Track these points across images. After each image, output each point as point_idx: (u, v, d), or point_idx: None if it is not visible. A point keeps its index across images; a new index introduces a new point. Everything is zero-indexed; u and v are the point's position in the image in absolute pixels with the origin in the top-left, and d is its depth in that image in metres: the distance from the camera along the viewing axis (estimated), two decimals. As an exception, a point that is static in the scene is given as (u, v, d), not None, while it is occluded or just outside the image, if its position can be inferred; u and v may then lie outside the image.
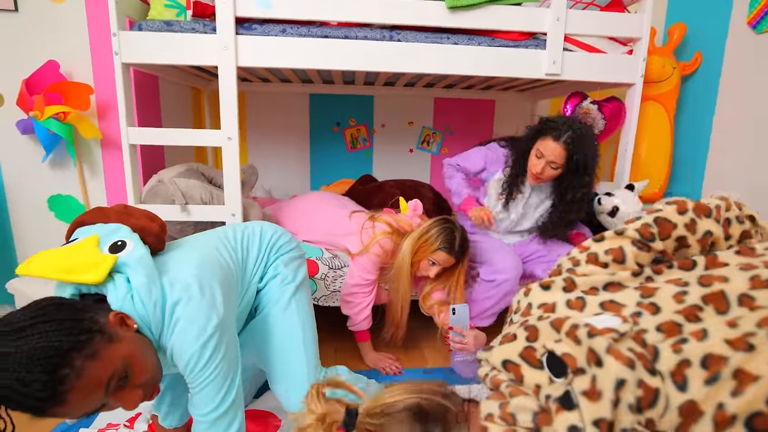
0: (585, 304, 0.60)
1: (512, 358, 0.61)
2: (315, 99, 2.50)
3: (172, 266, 0.86)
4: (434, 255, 1.44)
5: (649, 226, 0.64)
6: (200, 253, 0.93)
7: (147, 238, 0.87)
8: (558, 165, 1.42)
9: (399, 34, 1.54)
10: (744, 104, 1.85)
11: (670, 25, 2.06)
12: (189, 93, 2.28)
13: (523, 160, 1.52)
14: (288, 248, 1.14)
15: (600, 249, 0.65)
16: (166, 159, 1.96)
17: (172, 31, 1.44)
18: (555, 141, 1.39)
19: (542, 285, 0.67)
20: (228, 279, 0.95)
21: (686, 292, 0.53)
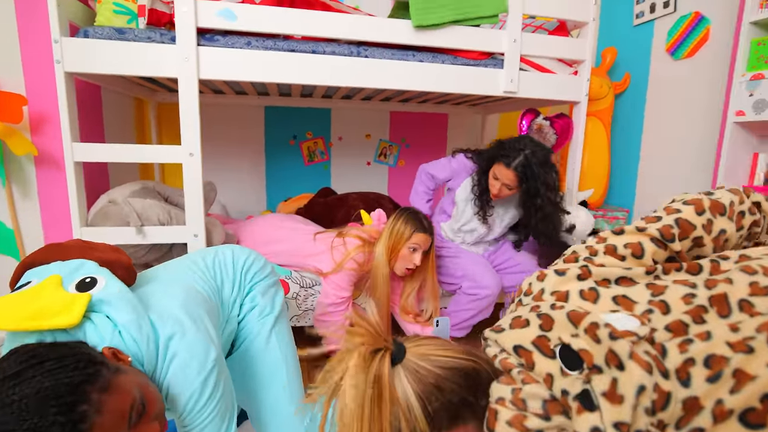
0: (598, 296, 0.62)
1: (524, 344, 0.61)
2: (271, 112, 2.43)
3: (155, 300, 0.79)
4: (412, 240, 1.45)
5: (671, 227, 0.66)
6: (180, 284, 0.86)
7: (117, 271, 0.78)
8: (512, 186, 1.52)
9: (366, 50, 1.55)
10: (666, 120, 2.09)
11: (603, 49, 2.28)
12: (131, 104, 2.11)
13: (485, 179, 1.62)
14: (263, 274, 1.07)
15: (619, 242, 0.67)
16: (110, 177, 1.79)
17: (125, 40, 1.33)
18: (506, 168, 1.49)
19: (557, 271, 0.67)
20: (211, 311, 0.89)
21: (694, 294, 0.57)
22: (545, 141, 1.89)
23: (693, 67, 1.95)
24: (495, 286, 1.56)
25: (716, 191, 0.71)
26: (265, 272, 1.09)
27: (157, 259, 1.62)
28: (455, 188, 1.74)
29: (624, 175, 2.34)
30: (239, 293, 1.01)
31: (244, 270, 1.04)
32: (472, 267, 1.61)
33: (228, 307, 0.98)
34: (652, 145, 2.17)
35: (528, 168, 1.47)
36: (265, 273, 1.09)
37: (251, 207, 2.47)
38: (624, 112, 2.33)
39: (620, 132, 2.35)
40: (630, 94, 2.29)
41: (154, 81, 1.88)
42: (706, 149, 1.90)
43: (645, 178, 2.22)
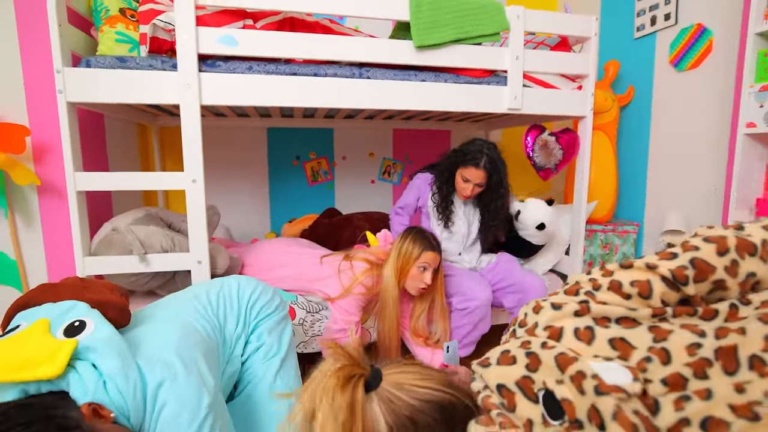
0: (593, 337, 0.57)
1: (508, 383, 0.59)
2: (273, 133, 2.43)
3: (147, 343, 0.75)
4: (421, 259, 1.42)
5: (685, 269, 0.59)
6: (176, 323, 0.82)
7: (109, 312, 0.75)
8: (482, 185, 1.64)
9: (368, 71, 1.54)
10: (674, 132, 2.06)
11: (605, 62, 2.28)
12: (135, 130, 2.11)
13: (449, 184, 1.71)
14: (270, 309, 1.02)
15: (626, 278, 0.61)
16: (114, 204, 1.78)
17: (127, 68, 1.33)
18: (476, 168, 1.60)
19: (554, 304, 0.64)
20: (210, 351, 0.84)
21: (700, 344, 0.51)
22: (551, 156, 1.87)
23: (698, 78, 1.93)
24: (483, 296, 1.54)
25: (748, 226, 0.62)
26: (273, 306, 1.04)
27: (161, 287, 1.60)
28: (425, 204, 1.80)
29: (633, 188, 2.31)
30: (244, 329, 0.97)
31: (250, 304, 1.00)
32: (460, 282, 1.59)
33: (230, 346, 0.94)
34: (660, 156, 2.14)
35: (493, 163, 1.60)
36: (273, 307, 1.04)
37: (255, 229, 2.45)
38: (629, 124, 2.31)
39: (626, 145, 2.33)
40: (635, 107, 2.27)
41: (157, 106, 1.88)
42: (716, 159, 1.87)
43: (654, 191, 2.19)
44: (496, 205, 1.70)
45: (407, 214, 1.84)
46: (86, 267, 1.38)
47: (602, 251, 2.18)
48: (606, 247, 2.18)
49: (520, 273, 1.68)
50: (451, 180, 1.69)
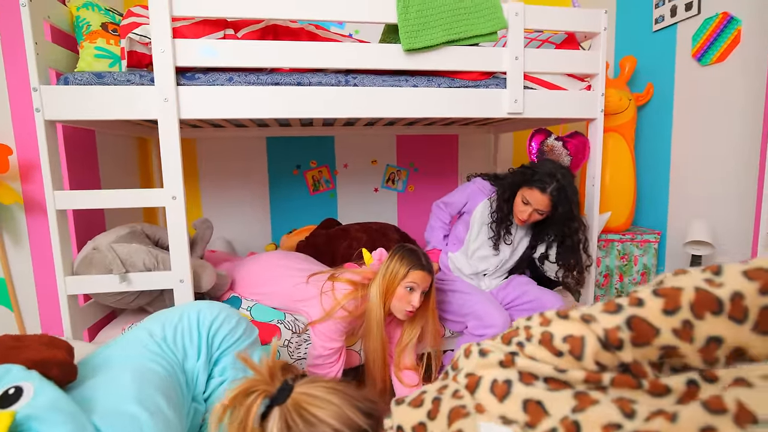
0: (508, 394, 0.50)
1: (405, 427, 0.56)
2: (272, 142, 2.39)
3: (101, 396, 0.68)
4: (408, 278, 1.31)
5: (618, 330, 0.49)
6: (129, 369, 0.75)
7: (50, 371, 0.67)
8: (544, 212, 1.47)
9: (355, 78, 1.46)
10: (698, 132, 1.88)
11: (621, 58, 2.11)
12: (134, 144, 2.11)
13: (508, 204, 1.54)
14: (234, 337, 0.93)
15: (559, 331, 0.53)
16: (107, 220, 1.77)
17: (104, 84, 1.30)
18: (542, 193, 1.44)
19: (482, 351, 0.58)
20: (172, 391, 0.77)
21: (620, 426, 0.41)
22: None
23: (725, 73, 1.75)
24: (503, 323, 1.41)
25: (728, 269, 0.48)
26: (237, 334, 0.95)
27: (150, 304, 1.56)
28: (471, 210, 1.65)
29: (653, 193, 2.13)
30: (206, 363, 0.88)
31: (211, 334, 0.91)
32: (478, 304, 1.46)
33: (193, 382, 0.86)
34: (683, 159, 1.96)
35: (562, 192, 1.43)
36: (237, 335, 0.95)
37: (256, 241, 2.41)
38: (649, 125, 2.13)
39: (646, 147, 2.15)
40: (654, 106, 2.10)
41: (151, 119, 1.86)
42: (745, 161, 1.68)
43: (677, 196, 2.01)
44: (573, 241, 1.50)
45: (449, 212, 1.73)
46: (68, 286, 1.36)
47: (620, 262, 2.02)
48: (624, 258, 2.02)
49: (536, 291, 1.55)
50: (512, 199, 1.54)
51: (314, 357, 1.36)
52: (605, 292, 2.03)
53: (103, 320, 1.63)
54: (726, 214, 1.77)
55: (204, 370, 0.88)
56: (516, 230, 1.59)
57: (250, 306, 1.57)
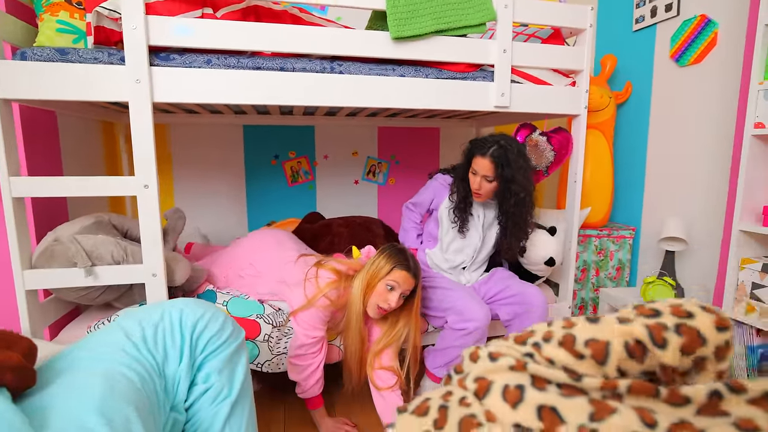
0: (521, 400, 0.48)
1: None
2: (250, 131, 2.29)
3: (57, 407, 0.60)
4: (391, 275, 1.29)
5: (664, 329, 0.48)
6: (100, 375, 0.67)
7: (4, 376, 0.59)
8: (491, 177, 1.47)
9: (341, 66, 1.41)
10: (674, 131, 1.93)
11: (602, 57, 2.14)
12: (98, 128, 1.97)
13: (465, 183, 1.53)
14: (219, 341, 0.85)
15: (582, 335, 0.51)
16: (69, 210, 1.65)
17: (68, 61, 1.20)
18: (482, 156, 1.46)
19: (491, 355, 0.56)
20: (146, 402, 0.70)
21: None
22: (542, 158, 1.74)
23: (701, 74, 1.80)
24: (483, 317, 1.40)
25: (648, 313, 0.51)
26: (223, 337, 0.87)
27: (118, 299, 1.47)
28: (438, 206, 1.65)
29: (629, 190, 2.18)
30: (189, 368, 0.81)
31: (195, 336, 0.83)
32: (458, 299, 1.45)
33: (173, 390, 0.78)
34: (659, 157, 2.02)
35: (503, 155, 1.45)
36: (223, 338, 0.87)
37: (232, 233, 2.32)
38: (627, 123, 2.18)
39: (623, 144, 2.20)
40: (633, 104, 2.14)
41: (119, 102, 1.74)
42: (719, 161, 1.74)
43: (652, 194, 2.06)
44: (516, 200, 1.48)
45: (419, 212, 1.74)
46: (26, 281, 1.25)
47: (597, 257, 2.06)
48: (600, 253, 2.06)
49: (519, 285, 1.54)
50: (466, 177, 1.54)
51: (296, 347, 1.32)
52: (582, 287, 2.07)
53: (65, 317, 1.53)
54: (699, 212, 1.83)
55: (186, 376, 0.80)
56: (481, 215, 1.59)
57: (227, 300, 1.50)
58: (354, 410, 1.53)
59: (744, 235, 1.44)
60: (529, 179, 1.51)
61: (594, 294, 2.09)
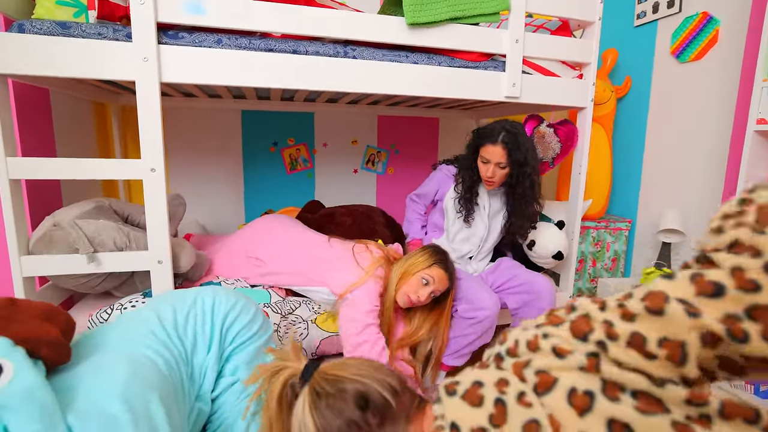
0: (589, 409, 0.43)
1: (462, 427, 0.51)
2: (248, 117, 2.24)
3: (84, 388, 0.59)
4: (429, 270, 1.29)
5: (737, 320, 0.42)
6: (126, 356, 0.66)
7: (41, 350, 0.59)
8: (504, 164, 1.48)
9: (354, 50, 1.38)
10: (672, 126, 1.98)
11: (603, 51, 2.16)
12: (91, 109, 1.88)
13: (472, 172, 1.56)
14: (249, 332, 0.83)
15: (653, 334, 0.45)
16: (63, 194, 1.57)
17: (70, 36, 1.13)
18: (494, 144, 1.47)
19: (557, 350, 0.50)
20: (171, 390, 0.69)
21: None
22: (549, 149, 1.76)
23: (701, 71, 1.84)
24: (493, 306, 1.41)
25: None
26: (254, 329, 0.85)
27: (118, 288, 1.42)
28: (443, 197, 1.66)
29: (627, 183, 2.23)
30: (217, 359, 0.79)
31: (226, 326, 0.81)
32: (468, 288, 1.46)
33: (199, 379, 0.77)
34: (656, 151, 2.06)
35: (513, 140, 1.46)
36: (253, 330, 0.85)
37: (229, 221, 2.27)
38: (625, 117, 2.21)
39: (622, 138, 2.24)
40: (632, 99, 2.17)
41: (114, 83, 1.66)
42: (717, 156, 1.79)
43: (648, 187, 2.11)
44: (524, 185, 1.50)
45: (423, 203, 1.74)
46: (24, 268, 1.19)
47: (594, 249, 2.10)
48: (598, 244, 2.10)
49: (526, 274, 1.56)
50: (474, 168, 1.54)
51: (358, 333, 1.21)
52: (579, 277, 2.12)
53: (62, 305, 1.46)
54: (695, 206, 1.89)
55: (214, 366, 0.78)
56: (487, 205, 1.60)
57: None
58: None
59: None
60: (536, 159, 1.54)
61: (591, 284, 2.13)
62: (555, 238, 1.63)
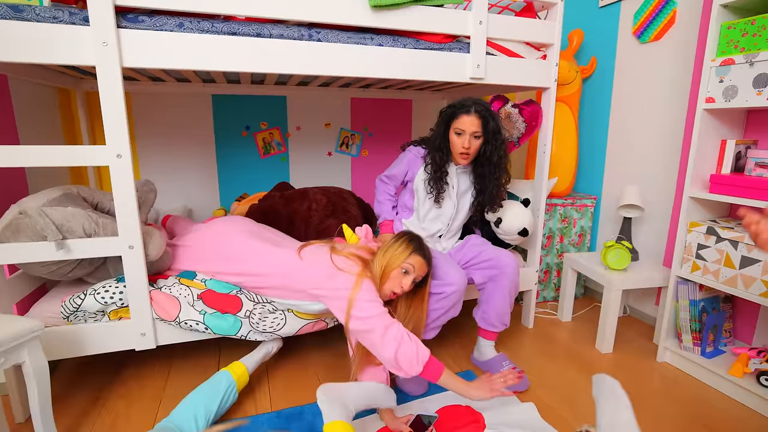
0: None
1: None
2: (219, 101, 2.22)
3: None
4: (409, 259, 1.32)
5: None
6: None
7: None
8: (479, 133, 1.51)
9: (319, 33, 1.39)
10: (634, 105, 2.05)
11: (569, 31, 2.20)
12: (54, 95, 1.85)
13: (441, 152, 1.57)
14: None
15: None
16: (29, 183, 1.56)
17: (23, 20, 1.11)
18: (468, 114, 1.49)
19: None
20: None
21: None
22: (514, 129, 1.81)
23: (660, 51, 1.90)
24: (460, 281, 1.47)
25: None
26: None
27: (90, 275, 1.43)
28: (413, 178, 1.68)
29: (592, 161, 2.30)
30: None
31: None
32: (436, 265, 1.51)
33: None
34: (620, 130, 2.13)
35: (486, 110, 1.50)
36: None
37: (205, 206, 2.27)
38: (591, 97, 2.28)
39: (587, 117, 2.31)
40: (597, 79, 2.23)
41: (76, 68, 1.64)
42: (673, 134, 1.87)
43: (612, 165, 2.19)
44: (498, 155, 1.53)
45: (393, 184, 1.76)
46: (-9, 256, 1.19)
47: (561, 225, 2.19)
48: (565, 221, 2.19)
49: (492, 250, 1.61)
50: (444, 145, 1.56)
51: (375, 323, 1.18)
52: (547, 253, 2.20)
53: (35, 293, 1.47)
54: (654, 182, 1.97)
55: None
56: (455, 184, 1.62)
57: (205, 279, 1.48)
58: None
59: (692, 201, 1.57)
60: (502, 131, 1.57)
61: (558, 260, 2.22)
62: (520, 216, 1.70)
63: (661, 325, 1.73)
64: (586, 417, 1.35)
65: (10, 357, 1.06)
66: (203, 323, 1.35)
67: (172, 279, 1.44)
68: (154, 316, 1.36)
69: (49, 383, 1.14)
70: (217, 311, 1.37)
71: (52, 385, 1.46)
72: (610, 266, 1.79)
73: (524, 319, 2.02)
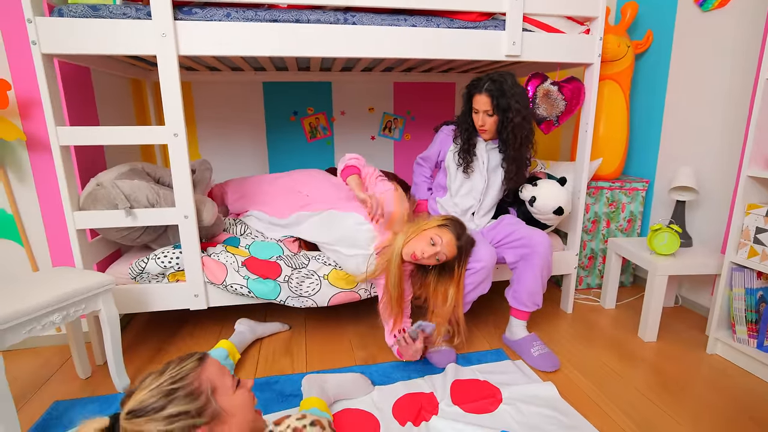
0: None
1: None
2: (269, 87, 2.37)
3: None
4: (439, 231, 1.39)
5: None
6: None
7: None
8: (491, 111, 1.54)
9: (354, 17, 1.45)
10: (693, 81, 1.90)
11: (623, 5, 2.08)
12: (128, 85, 2.09)
13: (467, 125, 1.63)
14: None
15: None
16: (107, 159, 1.79)
17: (100, 17, 1.29)
18: (479, 93, 1.54)
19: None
20: None
21: None
22: (554, 107, 1.76)
23: (724, 20, 1.74)
24: (489, 258, 1.49)
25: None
26: None
27: (154, 241, 1.63)
28: (445, 157, 1.74)
29: (645, 142, 2.17)
30: None
31: None
32: None
33: None
34: (677, 109, 1.99)
35: (498, 87, 1.51)
36: None
37: (254, 186, 2.44)
38: (645, 74, 2.14)
39: (641, 96, 2.17)
40: (653, 54, 2.09)
41: (144, 59, 1.84)
42: (737, 111, 1.72)
43: (667, 146, 2.05)
44: (514, 129, 1.52)
45: (428, 166, 1.84)
46: (76, 221, 1.41)
47: (608, 209, 2.10)
48: (612, 205, 2.09)
49: (525, 229, 1.60)
50: (470, 121, 1.62)
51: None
52: (592, 238, 2.12)
53: (111, 256, 1.70)
54: (712, 162, 1.83)
55: None
56: (485, 159, 1.65)
57: (248, 244, 1.64)
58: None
59: (751, 181, 1.45)
60: (526, 105, 1.55)
61: (604, 245, 2.13)
62: (556, 194, 1.66)
63: (713, 315, 1.62)
64: (616, 400, 1.32)
65: (89, 304, 1.26)
66: (247, 287, 1.49)
67: (219, 247, 1.60)
68: (205, 280, 1.52)
69: (119, 332, 1.34)
70: (259, 277, 1.51)
71: (125, 337, 1.69)
72: (657, 251, 1.70)
73: (563, 304, 1.97)
